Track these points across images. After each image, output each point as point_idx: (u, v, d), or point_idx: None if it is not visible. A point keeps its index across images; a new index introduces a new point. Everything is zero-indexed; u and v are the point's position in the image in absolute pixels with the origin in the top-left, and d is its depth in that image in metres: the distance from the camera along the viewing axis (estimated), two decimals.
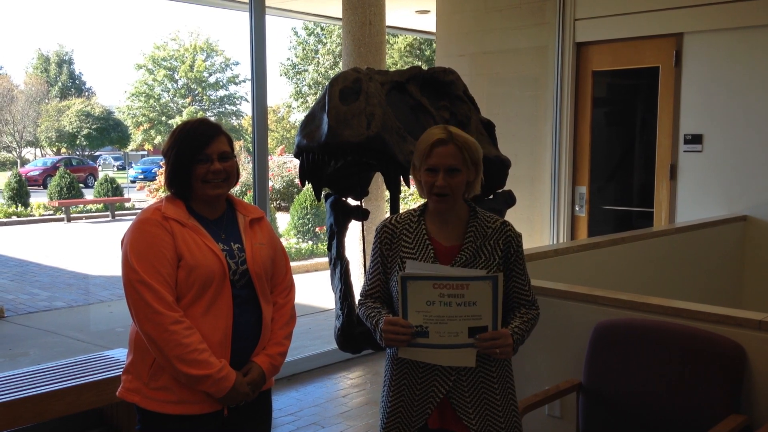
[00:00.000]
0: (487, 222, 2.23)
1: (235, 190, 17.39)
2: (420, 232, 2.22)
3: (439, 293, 2.06)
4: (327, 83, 2.84)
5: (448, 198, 2.17)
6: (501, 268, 2.19)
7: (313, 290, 8.35)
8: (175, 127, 2.38)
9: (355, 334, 3.00)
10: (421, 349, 2.10)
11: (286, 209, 14.57)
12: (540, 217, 6.22)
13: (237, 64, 36.70)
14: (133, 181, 25.88)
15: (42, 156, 35.62)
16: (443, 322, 2.06)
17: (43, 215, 16.94)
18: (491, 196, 3.22)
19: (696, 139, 5.40)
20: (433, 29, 7.08)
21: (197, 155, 2.24)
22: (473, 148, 2.19)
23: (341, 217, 3.14)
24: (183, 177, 2.25)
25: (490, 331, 2.07)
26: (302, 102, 31.00)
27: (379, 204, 7.56)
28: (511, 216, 3.37)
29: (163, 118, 35.06)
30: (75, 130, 34.27)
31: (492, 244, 2.19)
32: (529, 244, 5.85)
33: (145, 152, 37.23)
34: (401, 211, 2.47)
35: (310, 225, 11.85)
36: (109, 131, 35.40)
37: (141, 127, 35.35)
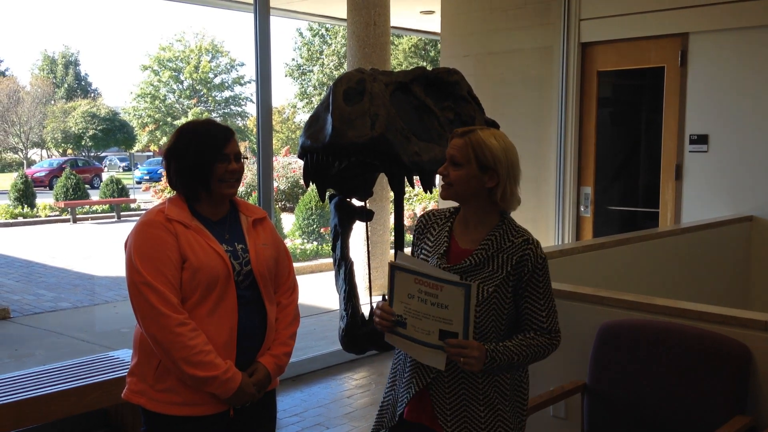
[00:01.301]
0: (510, 236, 2.18)
1: (240, 190, 17.41)
2: (444, 229, 2.25)
3: (419, 289, 2.06)
4: (331, 84, 2.84)
5: (448, 188, 2.17)
6: (508, 285, 2.13)
7: (318, 291, 8.35)
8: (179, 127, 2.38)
9: (359, 334, 2.99)
10: (400, 338, 2.13)
11: (291, 210, 14.59)
12: (545, 218, 6.21)
13: (242, 65, 36.78)
14: (138, 182, 25.96)
15: (48, 157, 35.76)
16: (418, 318, 2.07)
17: (49, 216, 17.00)
18: None
19: (702, 139, 5.38)
20: (438, 30, 7.07)
21: (218, 154, 2.25)
22: (488, 150, 2.13)
23: (345, 218, 3.14)
24: (203, 175, 2.25)
25: (459, 338, 2.03)
26: (307, 102, 31.04)
27: (383, 205, 7.56)
28: (516, 217, 3.35)
29: (169, 119, 35.13)
30: (81, 131, 34.39)
31: (504, 258, 2.14)
32: None
33: (151, 153, 37.32)
34: (405, 211, 2.47)
35: (315, 226, 11.85)
36: (114, 132, 35.52)
37: (146, 128, 35.44)
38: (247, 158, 2.90)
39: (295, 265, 2.53)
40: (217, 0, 7.27)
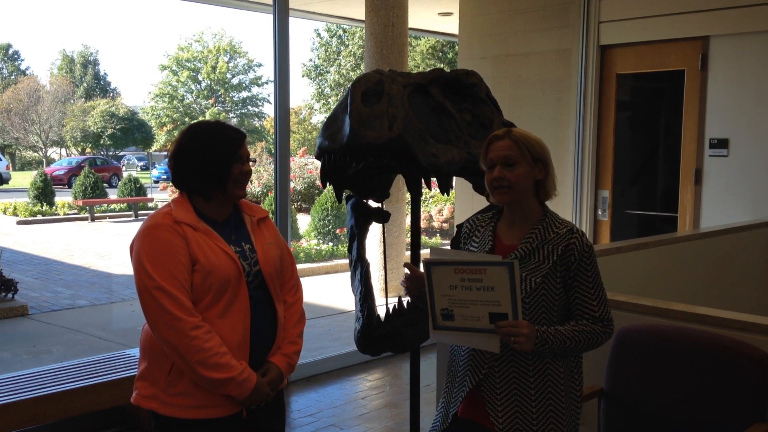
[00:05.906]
0: (554, 227, 2.19)
1: (257, 191, 17.32)
2: (488, 230, 2.29)
3: (460, 278, 2.09)
4: (349, 85, 2.84)
5: (509, 191, 2.16)
6: (556, 275, 2.14)
7: (333, 292, 8.36)
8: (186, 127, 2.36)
9: (375, 336, 2.99)
10: (449, 332, 2.16)
11: (307, 211, 14.62)
12: None
13: (260, 65, 36.93)
14: (156, 182, 26.10)
15: (67, 155, 36.07)
16: (466, 306, 2.10)
17: (68, 214, 17.13)
18: None
19: (722, 143, 5.33)
20: (456, 31, 7.06)
21: (234, 155, 2.25)
22: (534, 143, 2.17)
23: (362, 219, 3.13)
24: (220, 176, 2.24)
25: (510, 319, 2.06)
26: (324, 103, 31.10)
27: (399, 206, 7.55)
28: None
29: (187, 119, 35.32)
30: (99, 130, 34.66)
31: (550, 249, 2.16)
32: None
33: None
34: (422, 213, 2.49)
35: (330, 227, 11.87)
36: (133, 132, 35.77)
37: (164, 128, 35.67)
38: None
39: (311, 265, 2.55)
40: (237, 1, 7.30)
